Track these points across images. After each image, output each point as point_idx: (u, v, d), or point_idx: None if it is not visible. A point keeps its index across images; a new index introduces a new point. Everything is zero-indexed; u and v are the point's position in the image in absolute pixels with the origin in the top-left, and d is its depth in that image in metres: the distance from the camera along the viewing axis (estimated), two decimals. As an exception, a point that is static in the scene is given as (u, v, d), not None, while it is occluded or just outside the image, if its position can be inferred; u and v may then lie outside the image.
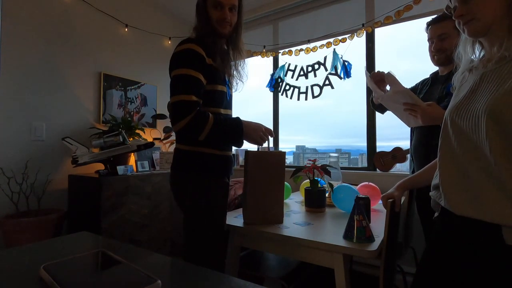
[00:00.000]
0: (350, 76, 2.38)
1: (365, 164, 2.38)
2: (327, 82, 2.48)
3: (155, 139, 2.49)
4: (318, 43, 2.55)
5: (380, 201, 1.28)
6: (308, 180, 1.53)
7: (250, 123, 1.14)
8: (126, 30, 2.54)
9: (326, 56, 2.49)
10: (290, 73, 2.69)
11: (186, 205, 1.13)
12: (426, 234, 1.45)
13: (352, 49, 2.41)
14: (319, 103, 2.61)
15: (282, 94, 2.73)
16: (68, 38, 2.14)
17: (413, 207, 1.59)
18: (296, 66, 2.66)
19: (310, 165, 1.50)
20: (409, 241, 1.60)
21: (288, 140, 2.93)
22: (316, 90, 2.54)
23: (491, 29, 0.70)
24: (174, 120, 1.04)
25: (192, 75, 1.05)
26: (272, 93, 2.90)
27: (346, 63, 2.39)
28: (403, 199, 1.21)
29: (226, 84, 1.21)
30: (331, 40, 2.46)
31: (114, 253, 0.53)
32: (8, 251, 0.60)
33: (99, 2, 2.34)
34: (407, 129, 1.58)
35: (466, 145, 0.69)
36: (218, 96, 1.15)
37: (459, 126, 0.71)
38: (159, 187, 2.21)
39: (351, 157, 2.70)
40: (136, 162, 2.28)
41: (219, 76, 1.15)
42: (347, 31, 2.41)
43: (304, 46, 2.61)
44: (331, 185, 1.48)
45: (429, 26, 1.42)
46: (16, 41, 1.87)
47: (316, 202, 1.45)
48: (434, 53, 1.41)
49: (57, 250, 0.61)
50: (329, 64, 2.47)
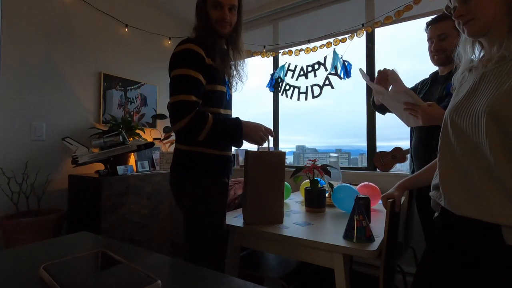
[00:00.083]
0: (350, 76, 2.38)
1: (365, 164, 2.38)
2: (327, 82, 2.48)
3: (155, 139, 2.49)
4: (318, 43, 2.55)
5: (380, 201, 1.28)
6: (308, 180, 1.53)
7: (250, 123, 1.14)
8: (126, 30, 2.54)
9: (326, 56, 2.49)
10: (290, 73, 2.69)
11: (186, 205, 1.13)
12: (426, 234, 1.45)
13: (352, 49, 2.41)
14: (319, 103, 2.61)
15: (282, 94, 2.73)
16: (68, 38, 2.15)
17: (413, 207, 1.59)
18: (296, 66, 2.66)
19: (310, 165, 1.50)
20: (409, 241, 1.60)
21: (288, 140, 2.94)
22: (316, 90, 2.54)
23: (491, 29, 0.70)
24: (174, 120, 1.04)
25: (192, 75, 1.05)
26: (272, 93, 2.90)
27: (346, 63, 2.39)
28: (403, 199, 1.21)
29: (226, 84, 1.21)
30: (331, 40, 2.46)
31: (114, 253, 0.53)
32: (8, 251, 0.60)
33: (99, 2, 2.34)
34: (407, 129, 1.58)
35: (466, 145, 0.69)
36: (218, 96, 1.15)
37: (459, 126, 0.71)
38: (159, 187, 2.21)
39: (351, 157, 2.70)
40: (136, 162, 2.28)
41: (219, 76, 1.15)
42: (347, 31, 2.41)
43: (304, 46, 2.61)
44: (331, 185, 1.48)
45: (429, 26, 1.42)
46: (16, 41, 1.87)
47: (316, 202, 1.45)
48: (434, 53, 1.41)
49: (57, 250, 0.61)
50: (329, 64, 2.47)
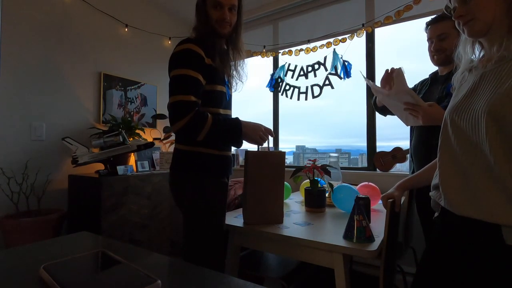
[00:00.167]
0: (350, 76, 2.38)
1: (365, 164, 2.38)
2: (327, 82, 2.48)
3: (155, 139, 2.49)
4: (318, 43, 2.55)
5: (380, 201, 1.28)
6: (308, 180, 1.53)
7: (249, 123, 1.14)
8: (126, 30, 2.54)
9: (326, 56, 2.49)
10: (290, 73, 2.69)
11: (185, 205, 1.13)
12: (426, 234, 1.45)
13: (352, 49, 2.41)
14: (319, 103, 2.61)
15: (282, 94, 2.73)
16: (68, 38, 2.14)
17: (413, 207, 1.59)
18: (296, 66, 2.66)
19: (310, 165, 1.50)
20: (409, 241, 1.59)
21: (288, 140, 2.94)
22: (316, 90, 2.54)
23: (491, 29, 0.70)
24: (173, 120, 1.04)
25: (191, 75, 1.05)
26: (272, 93, 2.90)
27: (346, 63, 2.39)
28: (403, 199, 1.21)
29: (226, 84, 1.20)
30: (331, 40, 2.46)
31: (114, 253, 0.53)
32: (8, 251, 0.60)
33: (99, 2, 2.34)
34: (407, 129, 1.58)
35: (466, 145, 0.69)
36: (217, 96, 1.15)
37: (459, 126, 0.71)
38: (159, 187, 2.21)
39: (351, 157, 2.70)
40: (136, 162, 2.28)
41: (219, 76, 1.15)
42: (347, 31, 2.41)
43: (304, 46, 2.61)
44: (331, 185, 1.48)
45: (429, 26, 1.42)
46: (16, 41, 1.87)
47: (316, 202, 1.45)
48: (434, 53, 1.41)
49: (57, 250, 0.61)
50: (329, 64, 2.47)
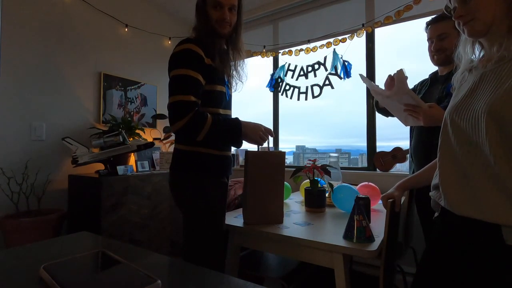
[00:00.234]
0: (350, 76, 2.38)
1: (365, 164, 2.38)
2: (327, 82, 2.48)
3: (155, 139, 2.49)
4: (318, 43, 2.55)
5: (380, 201, 1.28)
6: (308, 180, 1.53)
7: (249, 123, 1.14)
8: (126, 30, 2.54)
9: (326, 56, 2.49)
10: (290, 73, 2.69)
11: (185, 205, 1.13)
12: (426, 234, 1.45)
13: (352, 49, 2.41)
14: (319, 103, 2.61)
15: (282, 94, 2.73)
16: (68, 38, 2.14)
17: (413, 207, 1.58)
18: (296, 66, 2.66)
19: (310, 165, 1.50)
20: (409, 241, 1.59)
21: (288, 140, 2.94)
22: (316, 90, 2.54)
23: (491, 29, 0.70)
24: (173, 121, 1.04)
25: (191, 75, 1.05)
26: (272, 93, 2.90)
27: (346, 63, 2.39)
28: (403, 199, 1.21)
29: (226, 84, 1.20)
30: (331, 40, 2.46)
31: (114, 253, 0.53)
32: (8, 251, 0.60)
33: (99, 2, 2.34)
34: (407, 129, 1.58)
35: (466, 145, 0.69)
36: (217, 96, 1.15)
37: (459, 126, 0.71)
38: (159, 187, 2.21)
39: (351, 157, 2.70)
40: (136, 162, 2.28)
41: (218, 76, 1.15)
42: (347, 31, 2.41)
43: (304, 46, 2.61)
44: (331, 185, 1.48)
45: (429, 26, 1.42)
46: (16, 41, 1.87)
47: (316, 202, 1.45)
48: (434, 53, 1.41)
49: (57, 250, 0.61)
50: (329, 64, 2.47)
